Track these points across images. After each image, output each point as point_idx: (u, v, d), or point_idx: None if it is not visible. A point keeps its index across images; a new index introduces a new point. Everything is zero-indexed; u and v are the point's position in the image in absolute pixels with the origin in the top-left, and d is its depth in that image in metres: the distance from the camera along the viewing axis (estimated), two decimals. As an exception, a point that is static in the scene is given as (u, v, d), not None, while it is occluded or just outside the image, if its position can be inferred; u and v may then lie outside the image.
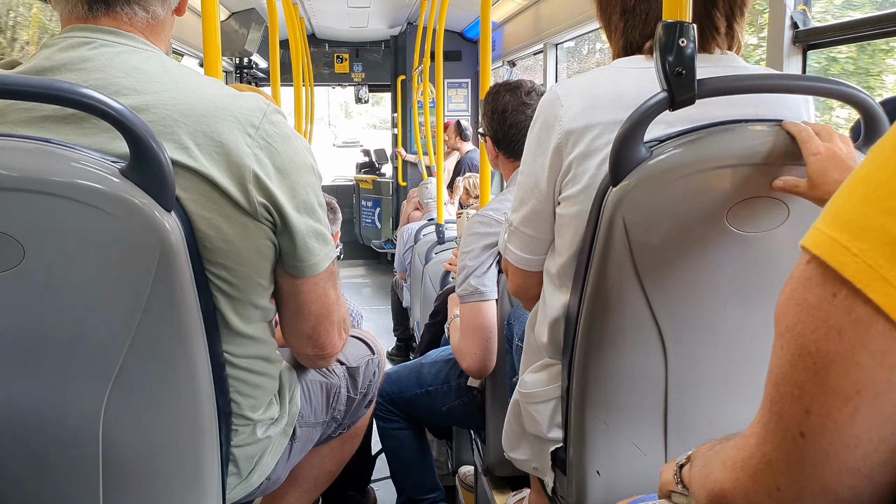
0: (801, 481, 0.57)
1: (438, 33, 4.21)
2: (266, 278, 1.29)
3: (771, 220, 1.20)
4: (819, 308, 0.53)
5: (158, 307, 1.12)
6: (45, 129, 1.12)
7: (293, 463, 1.61)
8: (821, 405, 0.53)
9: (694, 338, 1.27)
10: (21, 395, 1.15)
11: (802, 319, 0.54)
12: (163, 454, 1.23)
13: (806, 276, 0.54)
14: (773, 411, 0.58)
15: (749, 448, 0.63)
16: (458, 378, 2.43)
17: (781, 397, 0.57)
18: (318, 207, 1.32)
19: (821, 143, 1.13)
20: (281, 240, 1.27)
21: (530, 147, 1.38)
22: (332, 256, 1.36)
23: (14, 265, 1.06)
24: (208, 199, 1.16)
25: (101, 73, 1.15)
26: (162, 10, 1.26)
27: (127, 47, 1.20)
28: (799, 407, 0.55)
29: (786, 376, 0.56)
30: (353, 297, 7.40)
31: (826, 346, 0.52)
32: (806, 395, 0.54)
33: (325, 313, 1.40)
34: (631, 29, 1.35)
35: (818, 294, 0.53)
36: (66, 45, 1.18)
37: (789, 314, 0.55)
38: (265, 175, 1.20)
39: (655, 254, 1.21)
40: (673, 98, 1.12)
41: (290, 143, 1.26)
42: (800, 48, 2.14)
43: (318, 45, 8.45)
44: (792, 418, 0.56)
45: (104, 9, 1.21)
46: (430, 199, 5.53)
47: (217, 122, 1.17)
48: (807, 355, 0.53)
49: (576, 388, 1.34)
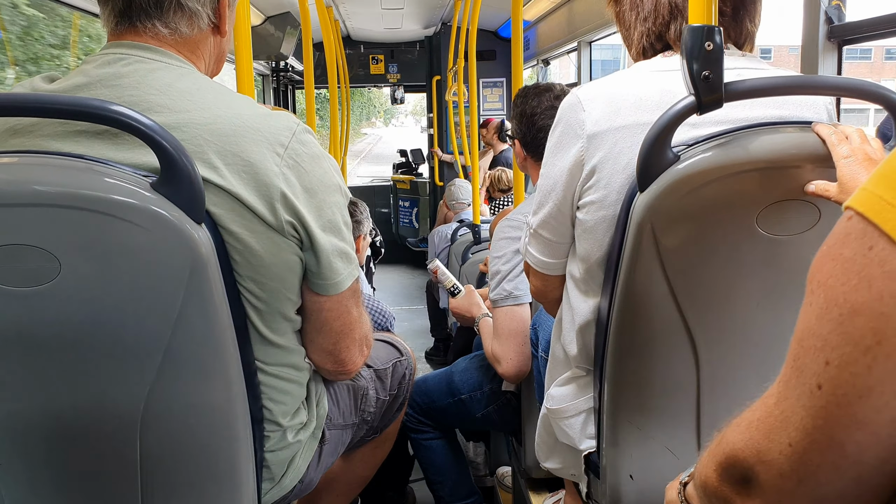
0: (812, 435, 0.58)
1: (472, 33, 4.20)
2: (294, 292, 1.31)
3: (802, 223, 1.18)
4: (853, 261, 0.53)
5: (191, 317, 1.15)
6: (80, 144, 1.15)
7: (325, 466, 1.63)
8: (840, 356, 0.54)
9: (725, 342, 1.26)
10: (61, 402, 1.18)
11: (835, 273, 0.55)
12: (199, 459, 1.26)
13: (845, 232, 0.55)
14: (794, 367, 0.59)
15: (766, 407, 0.64)
16: (490, 383, 2.43)
17: (804, 351, 0.58)
18: (343, 227, 1.33)
19: (851, 146, 1.12)
20: (306, 256, 1.29)
21: (550, 151, 1.38)
22: (356, 275, 1.37)
23: (51, 279, 1.09)
24: (237, 215, 1.18)
25: (135, 89, 1.18)
26: (189, 29, 1.27)
27: (161, 64, 1.22)
28: (819, 359, 0.56)
29: (810, 330, 0.57)
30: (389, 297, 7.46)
31: (854, 296, 0.53)
32: (828, 347, 0.55)
33: (347, 331, 1.42)
34: (641, 22, 1.34)
35: (854, 248, 0.53)
36: (103, 61, 1.21)
37: (823, 269, 0.56)
38: (293, 194, 1.22)
39: (685, 258, 1.20)
40: (700, 102, 1.11)
41: (319, 163, 1.27)
42: (835, 44, 2.11)
43: (353, 46, 8.50)
44: (811, 371, 0.57)
45: (127, 24, 1.24)
46: (454, 200, 5.53)
47: (246, 141, 1.19)
48: (834, 306, 0.54)
49: (608, 394, 1.33)
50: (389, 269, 9.01)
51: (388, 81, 8.81)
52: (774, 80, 1.16)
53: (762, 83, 1.15)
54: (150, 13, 1.23)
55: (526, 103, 2.26)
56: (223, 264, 1.17)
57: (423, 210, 8.71)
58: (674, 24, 1.32)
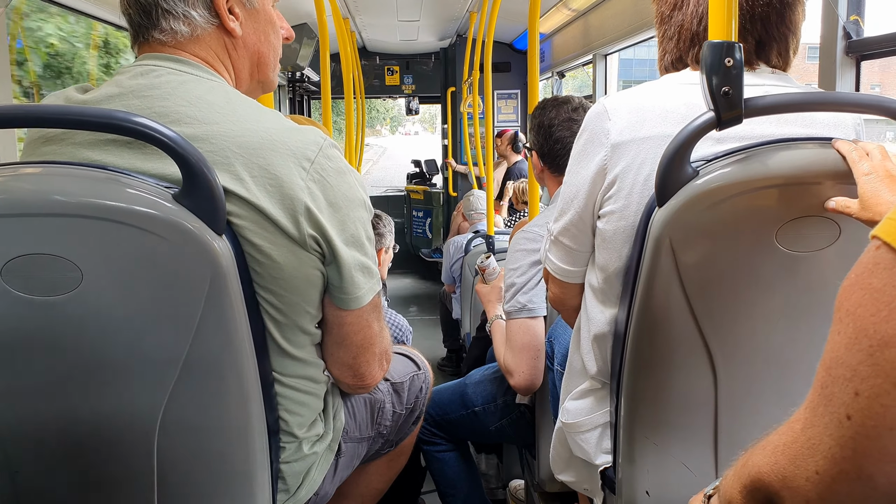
0: (840, 465, 0.57)
1: (487, 45, 4.22)
2: (314, 306, 1.31)
3: (822, 240, 1.18)
4: (883, 292, 0.53)
5: (210, 328, 1.15)
6: (109, 153, 1.17)
7: (340, 478, 1.63)
8: (871, 387, 0.54)
9: (743, 358, 1.25)
10: (78, 410, 1.19)
11: (865, 303, 0.54)
12: (215, 469, 1.26)
13: (874, 262, 0.55)
14: (822, 395, 0.59)
15: (793, 433, 0.64)
16: (504, 395, 2.42)
17: (833, 380, 0.57)
18: (366, 241, 1.33)
19: (872, 162, 1.11)
20: (328, 270, 1.29)
21: (575, 158, 1.38)
22: (377, 289, 1.37)
23: (73, 288, 1.10)
24: (260, 228, 1.19)
25: (166, 100, 1.20)
26: (187, 28, 1.26)
27: (192, 76, 1.24)
28: (849, 389, 0.55)
29: (840, 359, 0.56)
30: (402, 308, 7.47)
31: (885, 328, 0.53)
32: (857, 377, 0.55)
33: (367, 345, 1.41)
34: (667, 41, 1.35)
35: (884, 278, 0.53)
36: (136, 72, 1.23)
37: (852, 298, 0.56)
38: (317, 208, 1.22)
39: (703, 274, 1.20)
40: (720, 118, 1.11)
41: (344, 178, 1.28)
42: (853, 59, 2.10)
43: (368, 57, 8.54)
44: (840, 401, 0.56)
45: (139, 41, 1.29)
46: (472, 210, 5.53)
47: (273, 154, 1.19)
48: (864, 337, 0.54)
49: (625, 408, 1.33)
50: (402, 278, 9.02)
51: (403, 92, 8.86)
52: (793, 97, 1.16)
53: (781, 99, 1.14)
54: (146, 26, 1.26)
55: (544, 115, 2.26)
56: (243, 276, 1.18)
57: (437, 220, 8.72)
58: (692, 51, 1.32)
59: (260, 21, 1.36)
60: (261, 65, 1.39)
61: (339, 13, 4.23)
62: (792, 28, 1.29)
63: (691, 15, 1.30)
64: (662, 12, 1.36)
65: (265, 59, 1.39)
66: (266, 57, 1.39)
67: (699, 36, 1.30)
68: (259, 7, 1.35)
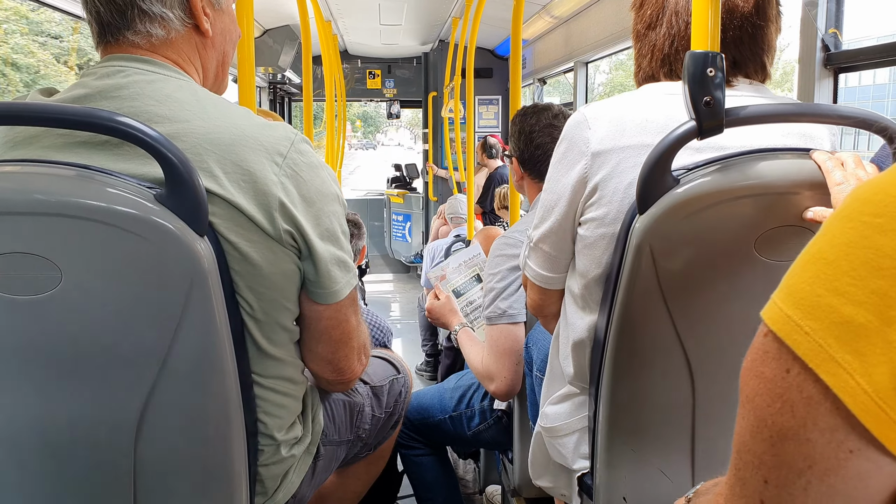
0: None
1: (469, 51, 4.23)
2: (292, 302, 1.31)
3: (800, 249, 1.19)
4: (774, 382, 0.53)
5: (190, 329, 1.14)
6: (80, 155, 1.15)
7: (318, 482, 1.63)
8: (777, 476, 0.54)
9: (722, 366, 1.27)
10: (57, 410, 1.18)
11: (760, 392, 0.54)
12: (193, 471, 1.25)
13: (764, 349, 0.55)
14: (737, 477, 0.59)
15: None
16: (482, 401, 2.43)
17: (744, 465, 0.58)
18: (341, 235, 1.34)
19: (845, 173, 1.12)
20: (304, 266, 1.29)
21: (555, 166, 1.39)
22: (354, 284, 1.37)
23: (52, 288, 1.09)
24: (236, 224, 1.19)
25: (135, 101, 1.18)
26: (162, 31, 1.26)
27: (160, 76, 1.23)
28: (758, 476, 0.56)
29: (746, 445, 0.57)
30: (383, 312, 7.45)
31: (780, 420, 0.53)
32: (764, 466, 0.55)
33: (346, 339, 1.42)
34: (641, 57, 1.36)
35: (773, 368, 0.53)
36: (103, 73, 1.22)
37: (749, 385, 0.56)
38: (291, 203, 1.22)
39: (683, 282, 1.21)
40: (701, 127, 1.12)
41: (317, 173, 1.28)
42: (831, 71, 2.13)
43: (350, 61, 8.54)
44: (752, 486, 0.57)
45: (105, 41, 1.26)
46: (453, 213, 5.54)
47: (245, 150, 1.19)
48: (764, 427, 0.54)
49: (603, 414, 1.33)
50: (382, 283, 9.00)
51: (385, 96, 8.86)
52: (774, 107, 1.17)
53: (763, 109, 1.16)
54: (118, 26, 1.24)
55: (524, 121, 2.28)
56: (224, 276, 1.18)
57: (417, 225, 8.73)
58: (662, 70, 1.34)
59: (225, 21, 1.37)
60: (224, 64, 1.40)
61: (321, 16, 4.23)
62: (765, 47, 1.31)
63: (664, 36, 1.32)
64: (638, 30, 1.38)
65: (228, 58, 1.41)
66: (229, 56, 1.41)
67: (670, 58, 1.32)
68: (225, 7, 1.36)
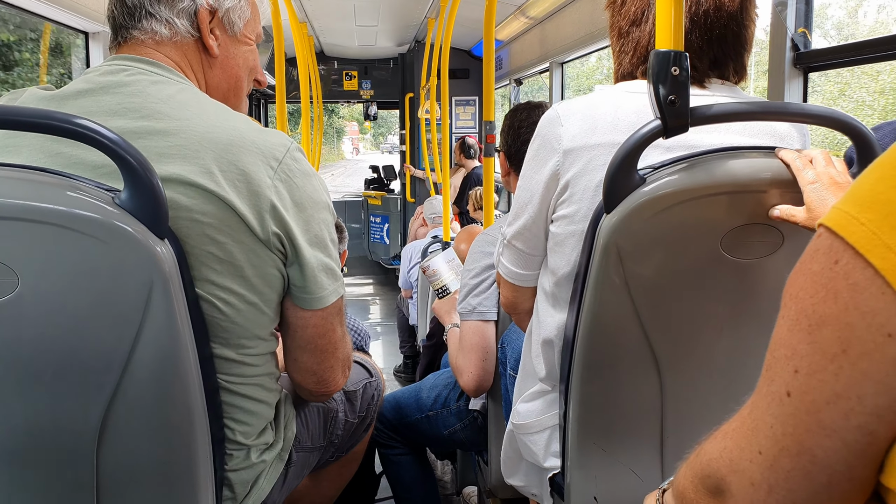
0: (781, 442, 0.60)
1: (444, 52, 4.23)
2: (272, 308, 1.31)
3: (766, 247, 1.20)
4: (821, 274, 0.56)
5: (152, 333, 1.13)
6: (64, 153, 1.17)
7: (290, 488, 1.61)
8: (808, 364, 0.57)
9: (689, 364, 1.27)
10: (14, 419, 1.15)
11: (805, 286, 0.57)
12: (157, 478, 1.23)
13: (815, 248, 0.58)
14: (766, 377, 0.62)
15: (741, 418, 0.67)
16: (457, 401, 2.43)
17: (775, 361, 0.60)
18: (329, 243, 1.35)
19: (816, 170, 1.13)
20: (290, 271, 1.29)
21: (528, 163, 1.38)
22: (341, 292, 1.38)
23: (9, 293, 1.07)
24: (225, 224, 1.19)
25: (137, 97, 1.21)
26: (167, 30, 1.31)
27: (163, 78, 1.26)
28: (789, 367, 0.58)
29: (782, 340, 0.60)
30: (361, 314, 7.43)
31: (822, 308, 0.55)
32: (797, 356, 0.58)
33: (331, 349, 1.41)
34: (623, 55, 1.36)
35: (822, 262, 0.56)
36: (106, 70, 1.25)
37: (796, 283, 0.59)
38: (282, 206, 1.24)
39: (650, 280, 1.21)
40: (666, 126, 1.12)
41: (310, 180, 1.30)
42: (801, 70, 2.14)
43: (326, 62, 8.51)
44: (781, 379, 0.59)
45: (117, 41, 1.32)
46: (433, 214, 5.54)
47: (242, 152, 1.21)
48: (803, 318, 0.57)
49: (573, 414, 1.33)
50: (360, 285, 8.98)
51: (361, 98, 8.84)
52: (740, 106, 1.17)
53: (728, 108, 1.16)
54: (127, 25, 1.30)
55: (515, 117, 2.30)
56: (185, 278, 1.16)
57: (395, 226, 8.72)
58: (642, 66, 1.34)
59: (241, 49, 1.42)
60: (237, 90, 1.44)
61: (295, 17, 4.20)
62: (746, 46, 1.32)
63: (649, 33, 1.31)
64: (620, 27, 1.37)
65: (241, 84, 1.44)
66: (242, 83, 1.44)
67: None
68: (241, 38, 1.41)
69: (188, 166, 1.16)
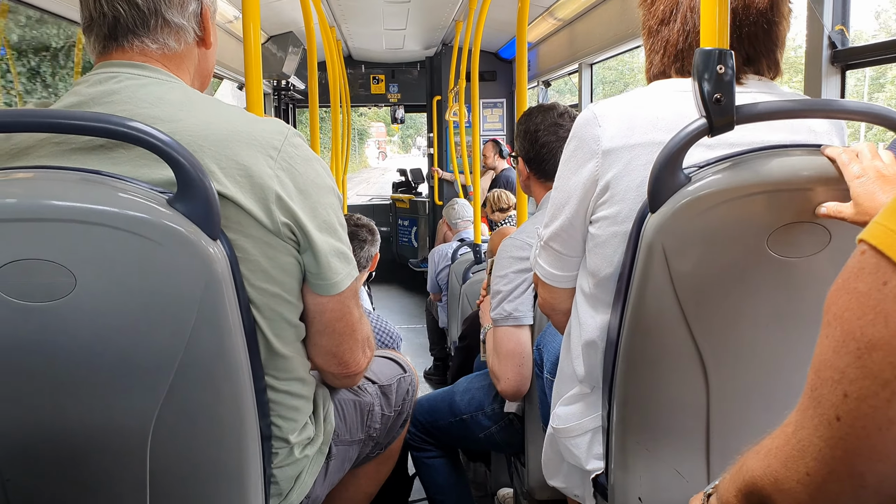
0: (831, 465, 0.58)
1: (474, 54, 4.23)
2: (295, 295, 1.32)
3: (812, 245, 1.19)
4: (869, 296, 0.54)
5: (204, 334, 1.14)
6: (76, 161, 1.17)
7: (331, 482, 1.63)
8: (859, 389, 0.55)
9: (735, 364, 1.26)
10: (71, 415, 1.18)
11: (851, 307, 0.55)
12: (208, 476, 1.25)
13: (859, 266, 0.56)
14: (812, 397, 0.60)
15: (785, 436, 0.65)
16: (492, 403, 2.42)
17: (822, 382, 0.59)
18: (339, 227, 1.35)
19: (862, 164, 1.12)
20: (304, 258, 1.30)
21: (565, 164, 1.38)
22: (355, 275, 1.38)
23: (66, 293, 1.09)
24: (233, 221, 1.20)
25: (127, 104, 1.20)
26: (176, 44, 1.30)
27: (150, 79, 1.25)
28: (837, 391, 0.57)
29: (828, 362, 0.58)
30: (390, 316, 7.44)
31: (871, 331, 0.54)
32: (845, 379, 0.56)
33: (349, 331, 1.43)
34: (654, 53, 1.36)
35: (869, 282, 0.54)
36: (95, 80, 1.24)
37: (839, 302, 0.57)
38: (287, 195, 1.24)
39: (695, 279, 1.21)
40: (712, 124, 1.12)
41: (311, 165, 1.30)
42: (838, 68, 2.13)
43: (354, 66, 8.55)
44: (829, 402, 0.58)
45: (114, 44, 1.27)
46: (458, 219, 5.53)
47: (239, 145, 1.21)
48: (851, 340, 0.55)
49: (617, 414, 1.33)
50: (389, 287, 9.00)
51: (389, 101, 8.87)
52: (786, 104, 1.17)
53: (774, 106, 1.16)
54: (137, 32, 1.27)
55: (530, 121, 2.29)
56: (237, 279, 1.18)
57: (423, 229, 8.73)
58: (674, 66, 1.33)
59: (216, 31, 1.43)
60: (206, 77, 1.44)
61: (325, 21, 4.23)
62: (778, 43, 1.31)
63: (678, 32, 1.31)
64: (650, 26, 1.37)
65: (210, 71, 1.45)
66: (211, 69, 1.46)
67: (683, 53, 1.31)
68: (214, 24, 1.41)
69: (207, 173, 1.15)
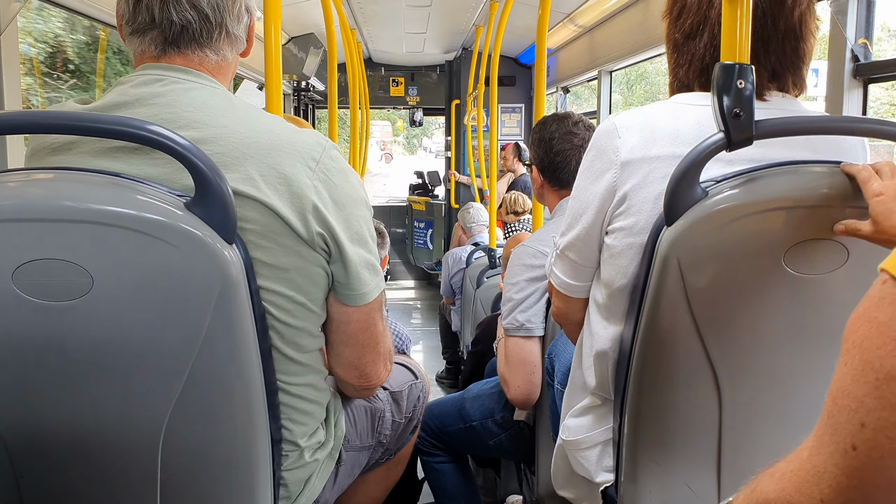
0: (846, 493, 0.58)
1: (494, 59, 4.24)
2: (319, 306, 1.34)
3: (830, 263, 1.18)
4: (889, 326, 0.54)
5: (218, 336, 1.15)
6: (118, 160, 1.19)
7: (341, 487, 1.63)
8: (877, 419, 0.55)
9: (748, 380, 1.25)
10: (84, 416, 1.19)
11: (871, 336, 0.55)
12: (219, 477, 1.26)
13: (880, 296, 0.56)
14: (829, 424, 0.60)
15: (800, 460, 0.65)
16: (502, 411, 2.42)
17: (839, 410, 0.58)
18: (369, 239, 1.37)
19: (883, 182, 1.10)
20: (334, 268, 1.32)
21: (583, 174, 1.38)
22: (382, 287, 1.40)
23: (83, 294, 1.10)
24: (269, 229, 1.21)
25: (172, 107, 1.22)
26: (231, 54, 1.35)
27: (196, 84, 1.27)
28: (855, 420, 0.56)
29: (846, 390, 0.57)
30: (403, 319, 7.46)
31: (891, 362, 0.54)
32: (863, 409, 0.56)
33: (373, 344, 1.44)
34: (679, 67, 1.35)
35: (890, 312, 0.54)
36: (140, 81, 1.25)
37: (859, 331, 0.57)
38: (323, 206, 1.26)
39: (710, 294, 1.20)
40: (730, 139, 1.11)
41: (347, 178, 1.32)
42: (860, 82, 2.11)
43: (374, 68, 8.58)
44: (846, 431, 0.57)
45: (176, 50, 1.29)
46: (473, 222, 5.53)
47: (281, 155, 1.23)
48: (870, 370, 0.55)
49: (628, 427, 1.33)
50: (402, 290, 9.01)
51: (408, 104, 8.89)
52: (805, 119, 1.16)
53: (792, 122, 1.15)
54: (201, 43, 1.30)
55: (545, 129, 2.29)
56: (251, 285, 1.18)
57: (438, 232, 8.73)
58: (699, 80, 1.33)
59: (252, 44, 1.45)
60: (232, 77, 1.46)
61: (346, 24, 4.25)
62: (805, 59, 1.30)
63: (705, 46, 1.30)
64: (676, 39, 1.36)
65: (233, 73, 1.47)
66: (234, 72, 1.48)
67: (709, 68, 1.30)
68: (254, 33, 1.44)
69: (229, 174, 1.17)
